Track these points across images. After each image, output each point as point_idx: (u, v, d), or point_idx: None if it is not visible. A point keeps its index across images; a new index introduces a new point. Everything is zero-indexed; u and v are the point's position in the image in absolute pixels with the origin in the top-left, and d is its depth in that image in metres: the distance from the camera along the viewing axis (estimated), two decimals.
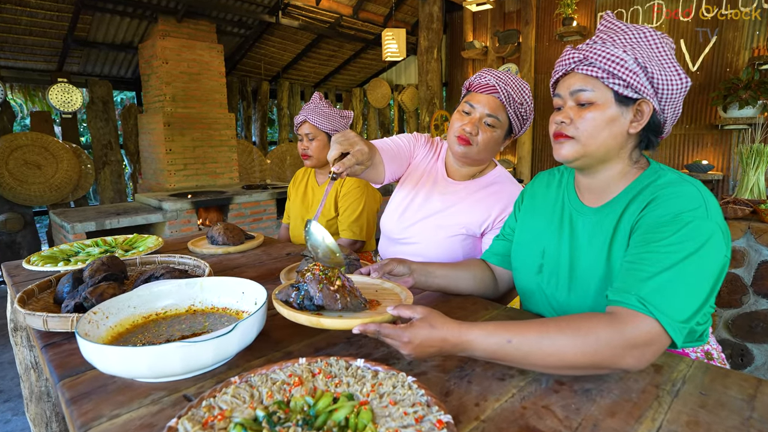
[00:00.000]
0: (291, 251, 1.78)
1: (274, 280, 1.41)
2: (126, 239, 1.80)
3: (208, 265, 1.37)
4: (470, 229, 1.49)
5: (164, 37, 4.76)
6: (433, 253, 1.52)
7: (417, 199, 1.59)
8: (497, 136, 1.43)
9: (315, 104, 2.08)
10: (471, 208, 1.50)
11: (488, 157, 1.49)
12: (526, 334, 0.79)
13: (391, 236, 1.64)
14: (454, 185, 1.55)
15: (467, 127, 1.40)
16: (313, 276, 0.95)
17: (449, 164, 1.59)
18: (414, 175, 1.62)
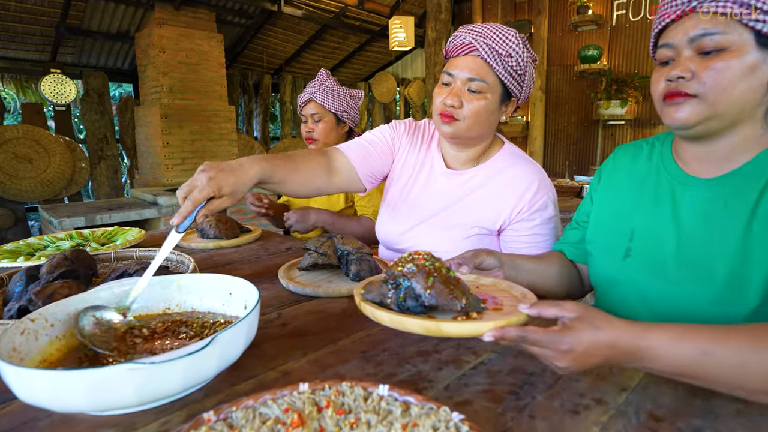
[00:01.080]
0: (291, 246, 1.56)
1: (272, 279, 1.19)
2: (105, 232, 1.59)
3: (192, 261, 1.15)
4: (485, 227, 1.23)
5: (161, 26, 4.55)
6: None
7: (412, 198, 1.33)
8: (489, 104, 1.15)
9: (321, 81, 1.86)
10: (481, 202, 1.24)
11: (485, 131, 1.21)
12: (730, 343, 0.59)
13: (389, 245, 1.37)
14: (456, 176, 1.28)
15: (448, 99, 1.14)
16: (418, 268, 0.73)
17: (446, 151, 1.32)
18: (404, 170, 1.36)
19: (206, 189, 0.87)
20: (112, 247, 1.37)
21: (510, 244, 1.24)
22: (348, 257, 1.13)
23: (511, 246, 1.24)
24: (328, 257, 1.12)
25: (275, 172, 1.06)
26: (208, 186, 0.88)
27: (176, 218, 0.87)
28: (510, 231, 1.23)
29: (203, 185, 0.88)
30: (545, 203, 1.21)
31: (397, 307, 0.72)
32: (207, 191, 0.87)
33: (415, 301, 0.71)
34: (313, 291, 1.05)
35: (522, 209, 1.20)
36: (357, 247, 1.14)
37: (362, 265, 1.10)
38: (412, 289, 0.72)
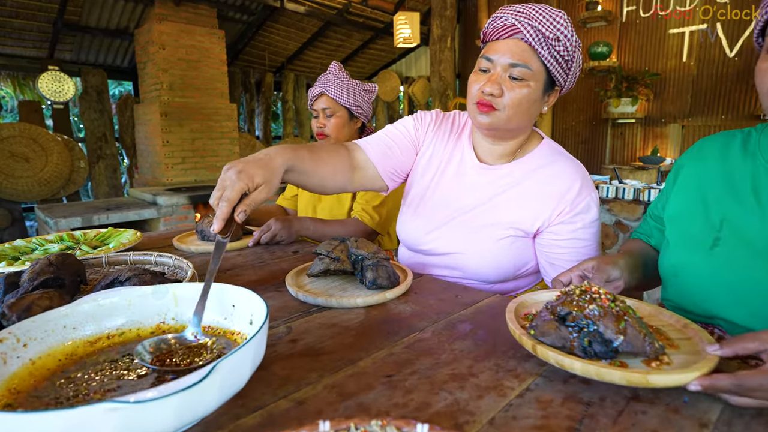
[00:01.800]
0: (298, 248, 1.45)
1: (278, 286, 1.08)
2: (98, 234, 1.48)
3: (191, 266, 1.04)
4: (521, 229, 1.13)
5: (161, 21, 4.45)
6: (472, 265, 1.16)
7: (438, 194, 1.22)
8: (532, 93, 1.04)
9: (334, 74, 1.75)
10: (517, 201, 1.14)
11: (524, 123, 1.10)
12: None
13: (412, 246, 1.27)
14: (489, 171, 1.18)
15: (487, 87, 1.03)
16: (604, 310, 0.65)
17: (478, 144, 1.21)
18: (429, 164, 1.26)
19: (238, 183, 0.83)
20: (104, 251, 1.26)
21: (547, 249, 1.14)
22: (363, 262, 1.02)
23: (548, 252, 1.14)
24: (341, 263, 1.02)
25: (301, 162, 1.01)
26: (239, 180, 0.83)
27: (216, 224, 0.82)
28: (548, 234, 1.13)
29: (233, 181, 0.83)
30: (588, 205, 1.11)
31: (583, 353, 0.64)
32: (239, 185, 0.83)
33: (603, 346, 0.63)
34: (325, 301, 0.94)
35: (563, 211, 1.10)
36: (373, 251, 1.03)
37: (379, 271, 0.99)
38: (600, 333, 0.64)
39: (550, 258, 1.15)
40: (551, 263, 1.16)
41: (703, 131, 4.64)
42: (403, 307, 0.94)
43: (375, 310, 0.93)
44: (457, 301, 0.97)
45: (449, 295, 1.01)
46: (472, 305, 0.95)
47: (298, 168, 1.01)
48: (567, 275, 0.92)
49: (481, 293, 1.02)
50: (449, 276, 1.22)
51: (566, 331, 0.65)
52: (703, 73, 4.55)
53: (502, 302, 0.97)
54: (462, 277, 1.21)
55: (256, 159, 0.90)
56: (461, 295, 1.01)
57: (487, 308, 0.94)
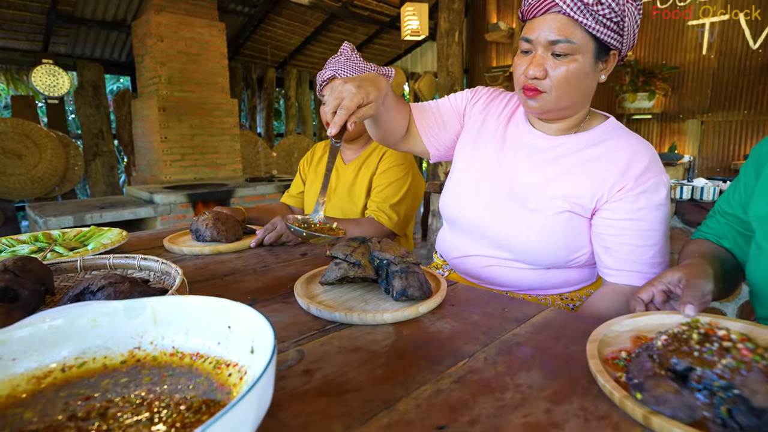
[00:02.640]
0: (307, 250, 1.26)
1: (285, 296, 0.90)
2: (79, 233, 1.30)
3: (180, 273, 0.86)
4: (578, 203, 1.01)
5: (159, 12, 4.27)
6: (522, 243, 1.03)
7: (488, 166, 1.13)
8: (580, 67, 0.95)
9: (346, 56, 1.57)
10: (577, 173, 1.02)
11: (578, 99, 1.00)
12: None
13: (457, 223, 1.16)
14: (546, 141, 1.08)
15: (530, 70, 0.96)
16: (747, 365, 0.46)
17: (534, 120, 1.11)
18: (479, 136, 1.17)
19: (357, 96, 0.89)
20: (81, 253, 1.08)
21: (603, 230, 1.00)
22: (389, 268, 0.84)
23: (604, 233, 1.00)
24: (362, 269, 0.83)
25: (392, 98, 1.06)
26: (358, 93, 0.89)
27: (333, 129, 0.89)
28: (606, 212, 0.99)
29: (353, 93, 0.89)
30: (657, 186, 0.97)
31: (722, 427, 0.45)
32: (358, 98, 0.89)
33: (752, 418, 0.44)
34: (345, 316, 0.76)
35: (625, 186, 0.97)
36: (400, 254, 0.85)
37: (409, 279, 0.81)
38: (746, 400, 0.45)
39: (606, 241, 1.00)
40: (606, 248, 1.01)
41: (724, 127, 4.45)
42: (441, 324, 0.76)
43: (406, 327, 0.75)
44: (506, 316, 0.79)
45: (494, 308, 0.83)
46: (526, 321, 0.77)
47: (387, 103, 1.04)
48: (648, 290, 0.75)
49: (531, 305, 0.84)
50: (495, 257, 1.09)
51: (692, 397, 0.47)
52: (724, 66, 4.36)
53: (560, 317, 0.79)
54: (509, 259, 1.08)
55: (368, 78, 0.94)
56: (508, 307, 0.83)
57: (544, 325, 0.76)
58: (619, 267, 0.99)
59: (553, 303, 1.10)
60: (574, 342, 0.68)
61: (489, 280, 1.12)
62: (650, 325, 0.69)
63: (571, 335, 0.72)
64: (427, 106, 1.21)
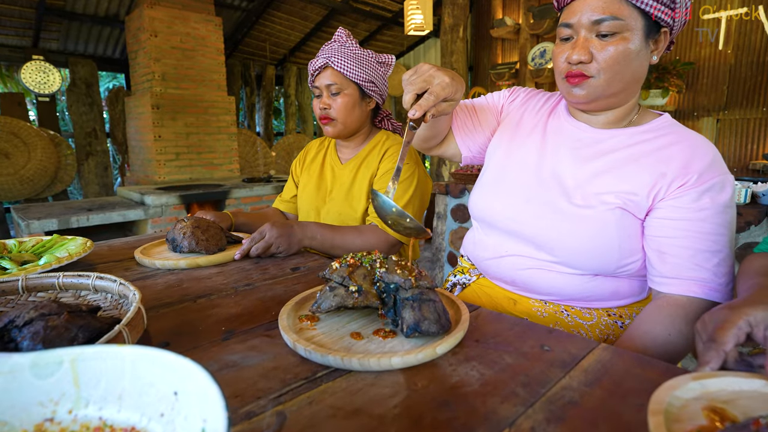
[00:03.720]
0: (300, 264, 1.09)
1: (270, 326, 0.73)
2: (39, 243, 1.13)
3: (138, 297, 0.68)
4: (632, 200, 0.86)
5: (153, 6, 4.11)
6: (567, 244, 0.89)
7: (531, 159, 1.00)
8: (630, 46, 0.83)
9: (340, 43, 1.40)
10: (633, 166, 0.88)
11: (629, 84, 0.87)
12: None
13: (492, 221, 1.02)
14: (596, 133, 0.95)
15: (574, 54, 0.86)
16: None
17: (578, 114, 0.99)
18: (517, 131, 1.06)
19: (448, 87, 0.79)
20: (29, 269, 0.91)
21: (659, 231, 0.86)
22: (397, 295, 0.67)
23: (659, 236, 0.86)
24: (363, 296, 0.66)
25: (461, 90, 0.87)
26: (450, 86, 0.80)
27: (416, 111, 0.79)
28: (662, 211, 0.85)
29: (446, 83, 0.79)
30: (722, 184, 0.84)
31: None
32: (448, 90, 0.79)
33: None
34: (341, 361, 0.58)
35: (687, 182, 0.84)
36: (412, 275, 0.68)
37: (423, 310, 0.64)
38: None
39: (662, 245, 0.86)
40: (662, 252, 0.86)
41: (741, 125, 4.26)
42: (467, 371, 0.59)
43: (422, 376, 0.58)
44: (547, 358, 0.62)
45: (531, 345, 0.66)
46: (574, 366, 0.60)
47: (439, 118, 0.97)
48: (727, 333, 0.57)
49: (575, 341, 0.67)
50: (535, 258, 0.94)
51: None
52: (742, 61, 4.17)
53: (617, 360, 0.61)
54: (552, 262, 0.92)
55: (456, 74, 0.84)
56: (548, 343, 0.66)
57: (600, 372, 0.58)
58: (677, 274, 0.84)
59: (599, 319, 0.94)
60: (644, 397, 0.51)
61: (526, 286, 0.97)
62: (724, 392, 0.51)
63: (638, 389, 0.54)
64: (462, 105, 1.12)
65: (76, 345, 0.60)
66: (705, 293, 0.82)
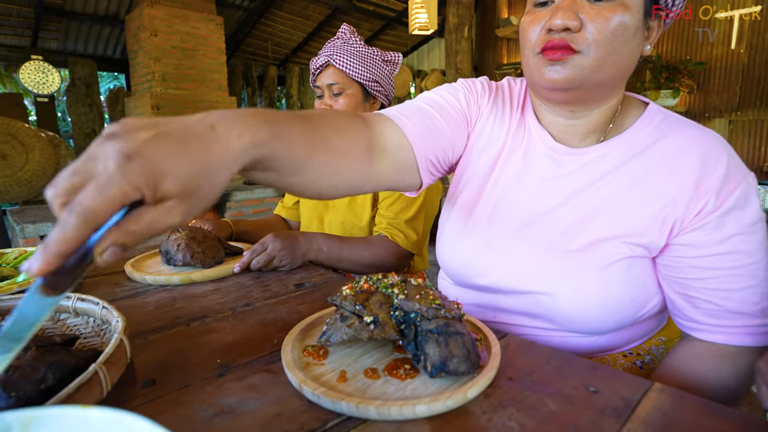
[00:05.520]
0: (304, 279, 1.00)
1: (271, 359, 0.64)
2: (22, 254, 1.04)
3: (120, 325, 0.60)
4: (640, 243, 0.70)
5: (153, 5, 4.03)
6: (567, 309, 0.72)
7: (503, 198, 0.80)
8: (630, 18, 0.64)
9: (344, 40, 1.31)
10: (632, 196, 0.71)
11: (619, 73, 0.69)
12: None
13: (463, 280, 0.83)
14: (575, 157, 0.76)
15: (557, 18, 0.64)
16: None
17: (549, 121, 0.79)
18: (486, 153, 0.83)
19: (119, 184, 0.34)
20: (3, 288, 0.82)
21: (682, 274, 0.70)
22: (419, 326, 0.58)
23: (683, 278, 0.70)
24: (380, 327, 0.57)
25: (287, 145, 0.51)
26: (125, 177, 0.35)
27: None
28: (681, 248, 0.69)
29: (113, 174, 0.34)
30: (745, 196, 0.66)
31: None
32: (121, 188, 0.34)
33: None
34: (355, 408, 0.49)
35: (705, 207, 0.66)
36: (435, 303, 0.59)
37: (451, 345, 0.55)
38: None
39: (689, 288, 0.70)
40: (690, 297, 0.71)
41: (754, 127, 4.16)
42: (503, 420, 0.50)
43: (451, 425, 0.49)
44: (596, 403, 0.53)
45: (574, 385, 0.56)
46: (630, 414, 0.51)
47: (277, 159, 0.50)
48: None
49: (625, 380, 0.58)
50: (528, 326, 0.79)
51: None
52: (755, 60, 4.08)
53: (679, 405, 0.52)
54: (549, 329, 0.77)
55: (183, 130, 0.39)
56: (594, 383, 0.57)
57: (663, 424, 0.49)
58: (714, 322, 0.69)
59: (615, 363, 0.81)
60: None
61: None
62: None
63: None
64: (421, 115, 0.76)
65: (44, 387, 0.51)
66: (757, 341, 0.68)
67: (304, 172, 0.54)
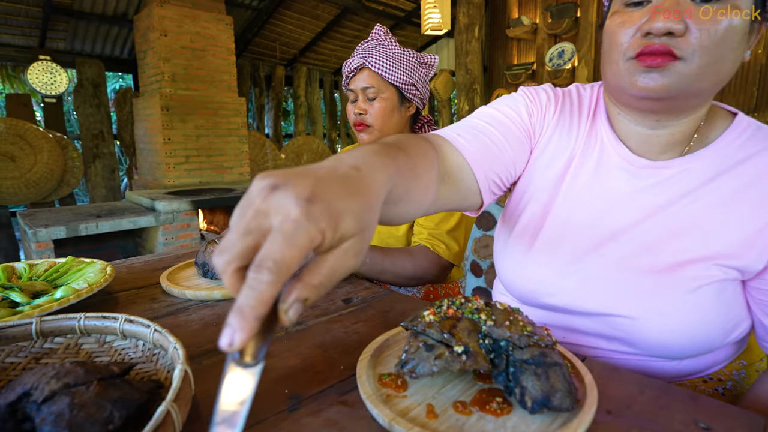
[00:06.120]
0: (350, 294, 0.95)
1: (342, 389, 0.59)
2: (52, 266, 1.00)
3: (182, 354, 0.55)
4: (734, 266, 0.65)
5: (162, 5, 3.98)
6: (650, 334, 0.67)
7: (573, 214, 0.75)
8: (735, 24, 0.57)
9: (378, 41, 1.26)
10: (724, 214, 0.65)
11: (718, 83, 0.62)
12: None
13: (531, 300, 0.78)
14: (657, 171, 0.70)
15: (658, 22, 0.57)
16: None
17: (625, 130, 0.73)
18: (551, 166, 0.78)
19: (307, 229, 0.31)
20: (44, 306, 0.77)
21: None
22: (511, 355, 0.53)
23: None
24: (473, 358, 0.52)
25: (400, 177, 0.47)
26: (311, 221, 0.31)
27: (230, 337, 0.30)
28: None
29: (298, 220, 0.31)
30: None
31: None
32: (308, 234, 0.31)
33: None
34: None
35: None
36: (527, 330, 0.54)
37: (552, 378, 0.50)
38: None
39: None
40: None
41: None
42: None
43: None
44: None
45: (681, 422, 0.52)
46: None
47: (395, 193, 0.47)
48: None
49: (734, 414, 0.53)
50: (603, 348, 0.74)
51: None
52: None
53: None
54: (627, 352, 0.72)
55: (336, 174, 0.36)
56: (701, 417, 0.52)
57: None
58: None
59: (695, 389, 0.76)
60: None
61: None
62: None
63: None
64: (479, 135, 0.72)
65: (112, 429, 0.46)
66: None
67: (401, 202, 0.50)
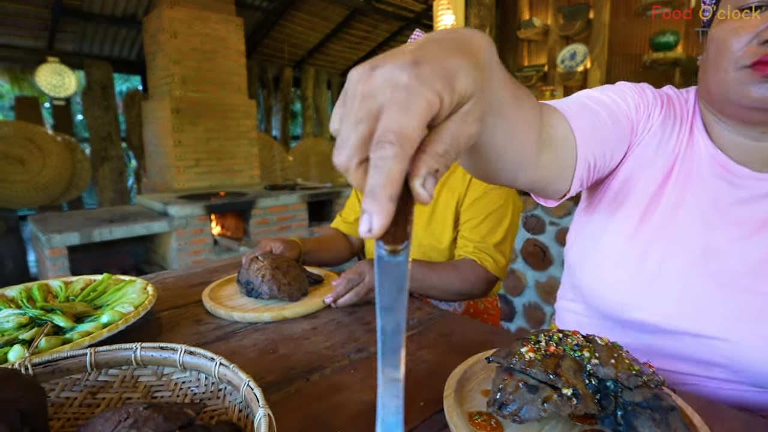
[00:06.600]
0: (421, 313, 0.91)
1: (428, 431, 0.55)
2: (88, 284, 0.95)
3: (260, 394, 0.50)
4: None
5: (173, 7, 3.94)
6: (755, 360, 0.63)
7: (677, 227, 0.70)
8: None
9: None
10: None
11: None
12: None
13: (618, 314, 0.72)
14: (763, 182, 0.67)
15: None
16: None
17: (724, 139, 0.70)
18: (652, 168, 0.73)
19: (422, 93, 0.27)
20: (93, 332, 0.73)
21: None
22: (620, 398, 0.49)
23: None
24: (583, 401, 0.48)
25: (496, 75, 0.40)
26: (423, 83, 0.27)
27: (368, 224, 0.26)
28: None
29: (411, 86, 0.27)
30: None
31: None
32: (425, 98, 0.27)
33: None
34: None
35: None
36: (635, 369, 0.50)
37: (672, 423, 0.46)
38: None
39: None
40: None
41: None
42: None
43: None
44: None
45: None
46: None
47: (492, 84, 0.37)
48: None
49: None
50: (693, 374, 0.69)
51: None
52: None
53: None
54: (721, 380, 0.68)
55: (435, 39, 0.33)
56: None
57: None
58: None
59: None
60: None
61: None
62: None
63: None
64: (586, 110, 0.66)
65: None
66: None
67: (502, 115, 0.44)
